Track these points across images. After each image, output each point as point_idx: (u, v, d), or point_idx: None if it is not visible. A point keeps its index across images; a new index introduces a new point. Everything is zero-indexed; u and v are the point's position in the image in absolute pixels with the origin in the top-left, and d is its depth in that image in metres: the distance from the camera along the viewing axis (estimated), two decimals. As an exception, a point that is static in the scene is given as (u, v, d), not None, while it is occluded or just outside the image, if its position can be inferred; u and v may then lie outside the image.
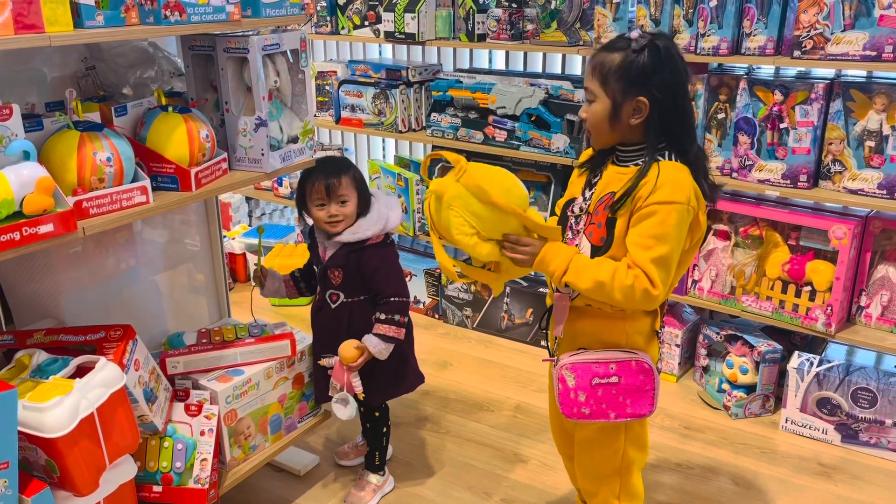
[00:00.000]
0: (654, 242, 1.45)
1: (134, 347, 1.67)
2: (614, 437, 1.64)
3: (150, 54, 1.90)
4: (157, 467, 1.77)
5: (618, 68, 1.47)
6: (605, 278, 1.46)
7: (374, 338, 1.93)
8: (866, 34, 2.14)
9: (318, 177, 1.94)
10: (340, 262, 1.96)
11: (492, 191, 1.45)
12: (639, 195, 1.47)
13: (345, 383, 1.95)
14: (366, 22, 3.23)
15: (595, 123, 1.53)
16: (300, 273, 2.16)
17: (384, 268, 1.97)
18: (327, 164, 1.97)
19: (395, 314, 1.94)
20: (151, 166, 1.67)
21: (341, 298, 1.99)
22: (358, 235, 1.93)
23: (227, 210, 3.87)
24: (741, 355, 2.51)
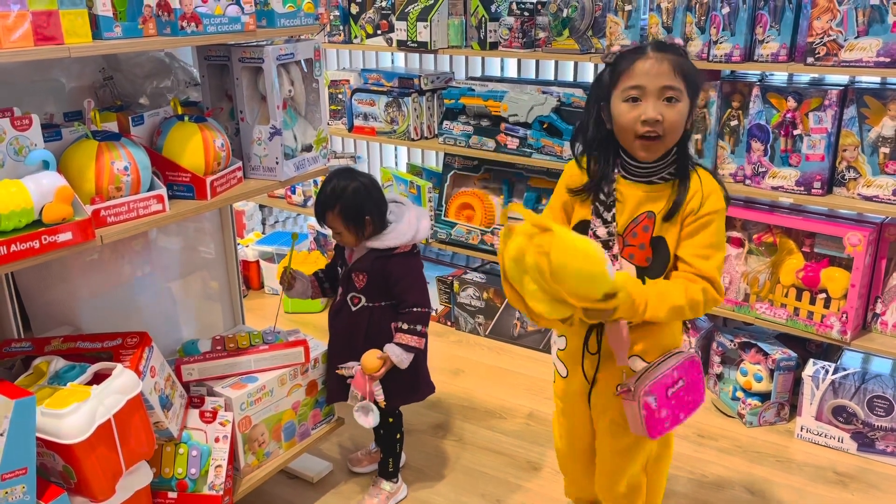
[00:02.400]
0: (713, 251, 1.48)
1: (150, 354, 1.68)
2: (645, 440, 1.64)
3: (167, 64, 1.93)
4: (173, 473, 1.78)
5: (692, 70, 1.45)
6: (680, 302, 1.45)
7: (396, 347, 1.94)
8: (880, 40, 2.13)
9: (315, 203, 1.98)
10: (366, 266, 1.97)
11: (566, 288, 1.31)
12: (689, 208, 1.47)
13: (366, 392, 1.96)
14: (378, 31, 3.25)
15: (677, 124, 1.45)
16: (324, 273, 2.17)
17: (409, 277, 1.98)
18: (319, 196, 1.95)
19: (416, 324, 1.95)
20: (167, 175, 1.69)
21: (363, 302, 2.00)
22: (385, 243, 1.94)
23: (241, 218, 3.89)
24: (755, 363, 2.49)
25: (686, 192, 1.48)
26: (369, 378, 1.96)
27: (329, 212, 1.93)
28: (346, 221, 1.93)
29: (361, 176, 1.98)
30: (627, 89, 1.45)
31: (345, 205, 1.92)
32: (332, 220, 1.94)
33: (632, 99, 1.45)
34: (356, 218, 1.93)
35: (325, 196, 1.94)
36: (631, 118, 1.45)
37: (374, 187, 1.97)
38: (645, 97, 1.44)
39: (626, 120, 1.46)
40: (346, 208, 1.92)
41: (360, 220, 1.93)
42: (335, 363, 2.06)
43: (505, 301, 3.07)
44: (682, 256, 1.50)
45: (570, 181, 1.61)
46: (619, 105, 1.48)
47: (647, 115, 1.43)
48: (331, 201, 1.93)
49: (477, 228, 3.12)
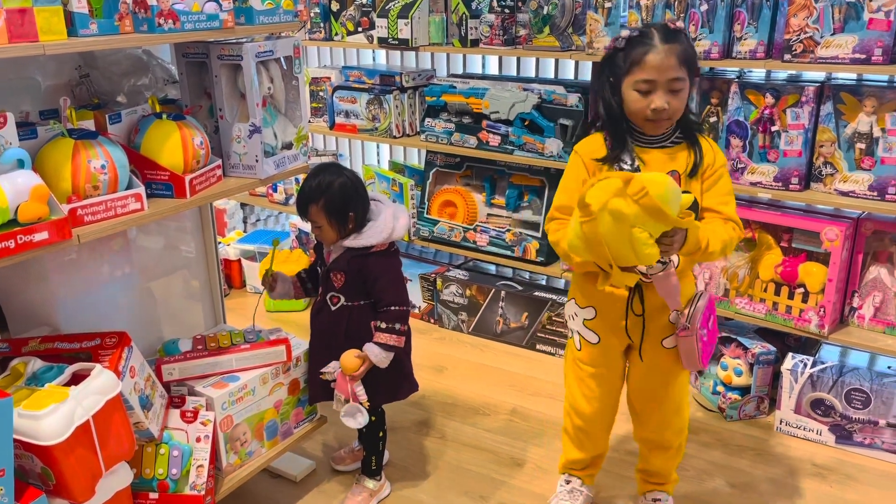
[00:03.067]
0: (730, 197, 1.72)
1: (129, 354, 1.67)
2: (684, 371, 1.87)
3: (144, 62, 1.91)
4: (154, 474, 1.77)
5: (692, 54, 1.64)
6: (725, 237, 1.65)
7: (375, 346, 1.94)
8: (856, 37, 2.15)
9: (297, 195, 1.97)
10: (343, 265, 1.97)
11: (669, 211, 1.45)
12: (707, 163, 1.70)
13: (349, 394, 1.96)
14: (359, 28, 3.24)
15: (681, 108, 1.65)
16: (306, 274, 2.16)
17: (387, 276, 1.97)
18: (303, 188, 1.95)
19: (395, 323, 1.94)
20: (146, 173, 1.67)
21: (342, 301, 2.00)
22: (361, 242, 1.93)
23: (222, 216, 3.87)
24: (735, 357, 2.52)
25: (701, 150, 1.70)
26: (350, 379, 1.95)
27: (313, 205, 1.92)
28: (330, 216, 1.92)
29: (347, 171, 1.97)
30: (639, 82, 1.62)
31: (330, 199, 1.91)
32: (315, 213, 1.93)
33: (642, 90, 1.62)
34: (340, 213, 1.92)
35: (311, 189, 1.93)
36: (641, 106, 1.64)
37: (359, 184, 1.97)
38: (654, 89, 1.61)
39: (638, 107, 1.65)
40: (330, 202, 1.91)
41: (343, 215, 1.92)
42: (316, 363, 2.06)
43: (488, 298, 3.08)
44: (707, 206, 1.71)
45: (592, 154, 1.74)
46: (630, 93, 1.65)
47: (656, 105, 1.62)
48: (316, 194, 1.92)
49: (459, 226, 3.12)
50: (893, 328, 2.34)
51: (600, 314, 1.82)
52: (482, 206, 3.14)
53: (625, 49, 1.64)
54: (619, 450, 2.34)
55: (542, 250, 2.94)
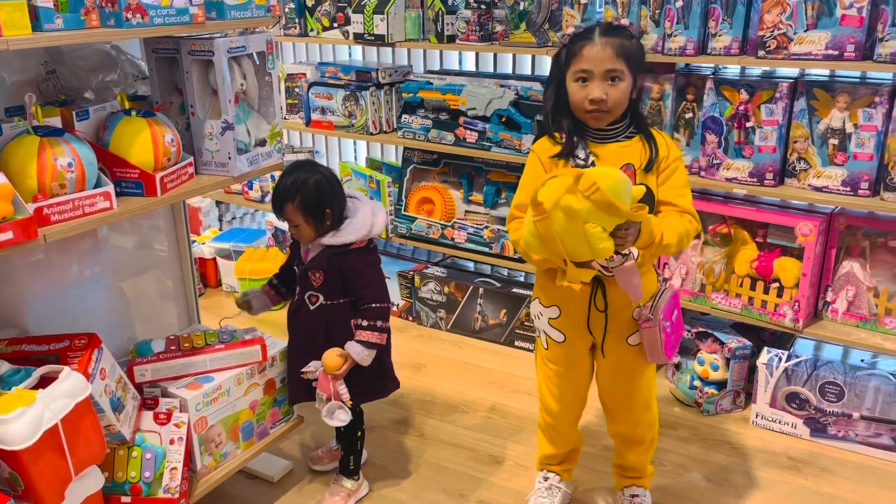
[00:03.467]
0: (686, 189, 1.75)
1: (99, 356, 1.64)
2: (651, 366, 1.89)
3: (113, 57, 1.87)
4: (126, 477, 1.74)
5: (634, 50, 1.68)
6: (681, 230, 1.68)
7: (356, 345, 1.92)
8: (828, 34, 2.17)
9: (273, 193, 1.95)
10: (322, 264, 1.94)
11: (621, 205, 1.48)
12: (662, 156, 1.72)
13: (331, 393, 1.94)
14: (335, 24, 3.22)
15: (620, 100, 1.67)
16: (278, 279, 2.14)
17: (367, 273, 1.95)
18: (278, 187, 1.93)
19: (376, 320, 1.93)
20: (115, 171, 1.64)
21: (320, 301, 1.98)
22: (340, 239, 1.91)
23: (197, 214, 3.82)
24: (712, 352, 2.53)
25: (656, 143, 1.73)
26: (332, 377, 1.93)
27: (289, 203, 1.90)
28: (306, 214, 1.90)
29: (323, 169, 1.95)
30: (577, 72, 1.67)
31: (306, 197, 1.89)
32: (291, 212, 1.91)
33: (581, 80, 1.67)
34: (316, 211, 1.90)
35: (286, 187, 1.91)
36: (580, 97, 1.68)
37: (335, 181, 1.95)
38: (591, 79, 1.66)
39: (577, 98, 1.69)
40: (306, 200, 1.89)
41: (320, 213, 1.90)
42: (295, 363, 2.04)
43: (466, 295, 3.08)
44: (663, 199, 1.73)
45: (547, 152, 1.76)
46: (571, 84, 1.70)
47: (592, 96, 1.66)
48: (291, 192, 1.89)
49: (437, 223, 3.11)
50: (866, 322, 2.36)
51: (564, 312, 1.82)
52: (460, 202, 3.13)
53: (568, 45, 1.70)
54: (597, 445, 2.34)
55: (520, 247, 2.94)
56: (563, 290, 1.76)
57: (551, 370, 1.93)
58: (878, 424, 2.27)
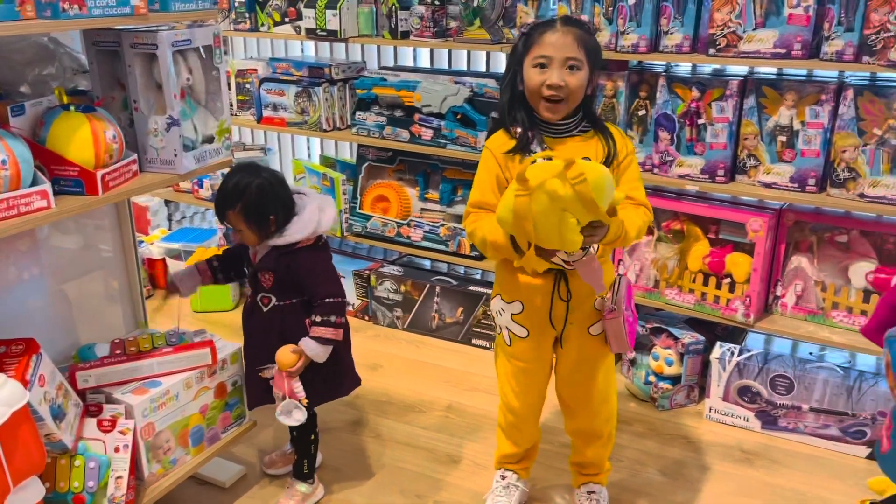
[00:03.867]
0: (640, 182, 1.79)
1: (38, 362, 1.57)
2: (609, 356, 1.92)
3: (50, 50, 1.80)
4: (68, 488, 1.67)
5: (593, 44, 1.71)
6: (639, 221, 1.72)
7: (310, 341, 1.88)
8: (776, 32, 2.20)
9: (214, 199, 1.90)
10: (271, 265, 1.90)
11: (600, 203, 1.50)
12: (618, 150, 1.74)
13: (286, 391, 1.90)
14: (286, 19, 3.15)
15: (578, 89, 1.68)
16: (218, 261, 2.08)
17: (317, 270, 1.91)
18: (219, 192, 1.88)
19: (330, 315, 1.88)
20: (53, 169, 1.57)
21: (273, 302, 1.94)
22: (287, 239, 1.87)
23: (145, 214, 3.72)
24: (666, 347, 2.56)
25: (613, 137, 1.75)
26: (287, 375, 1.89)
27: (230, 210, 1.85)
28: (249, 220, 1.85)
29: (265, 172, 1.89)
30: (537, 57, 1.67)
31: (247, 203, 1.83)
32: (233, 218, 1.86)
33: (540, 66, 1.67)
34: (259, 217, 1.85)
35: (227, 193, 1.85)
36: (538, 82, 1.67)
37: (279, 184, 1.89)
38: (551, 65, 1.66)
39: (535, 83, 1.68)
40: (248, 207, 1.84)
41: (263, 219, 1.85)
42: (252, 366, 1.99)
43: (423, 293, 3.05)
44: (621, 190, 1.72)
45: (502, 148, 1.74)
46: (529, 70, 1.69)
47: (551, 81, 1.65)
48: (233, 199, 1.84)
49: (393, 221, 3.08)
50: (815, 315, 2.41)
51: (527, 307, 1.81)
52: (416, 200, 3.11)
53: (528, 33, 1.71)
54: (554, 442, 2.34)
55: (476, 245, 2.92)
56: (525, 284, 1.76)
57: (514, 367, 1.91)
58: (827, 416, 2.32)
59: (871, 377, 2.26)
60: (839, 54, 2.14)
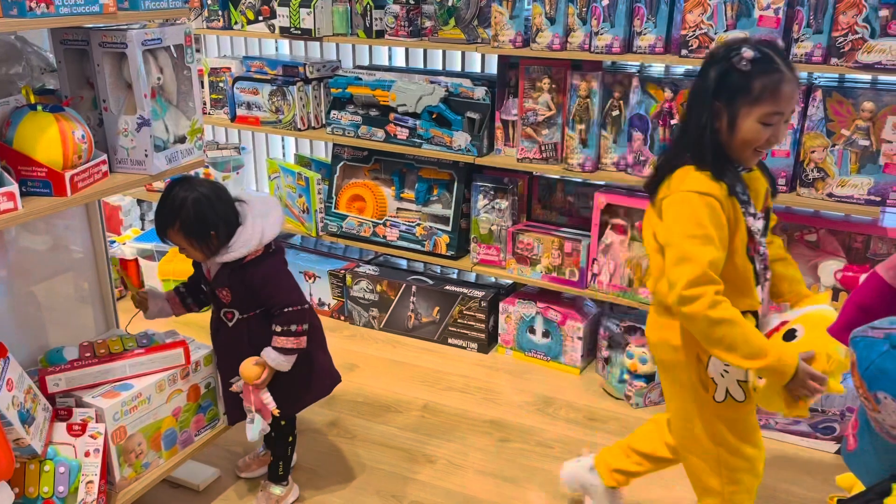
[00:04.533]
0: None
1: (5, 366, 1.54)
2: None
3: (17, 49, 1.77)
4: (38, 493, 1.65)
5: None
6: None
7: (272, 351, 1.86)
8: (747, 33, 2.23)
9: (154, 219, 1.86)
10: (225, 281, 1.87)
11: (833, 383, 1.47)
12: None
13: (255, 404, 1.88)
14: (260, 17, 3.13)
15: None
16: (185, 288, 2.06)
17: (271, 280, 1.87)
18: (157, 211, 1.81)
19: (290, 324, 1.86)
20: (20, 170, 1.55)
21: (237, 316, 1.92)
22: (233, 255, 1.82)
23: (117, 214, 3.67)
24: (640, 346, 2.58)
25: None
26: (253, 388, 1.88)
27: (170, 229, 1.80)
28: (189, 237, 1.80)
29: (202, 186, 1.82)
30: (770, 114, 1.45)
31: (185, 220, 1.77)
32: (173, 236, 1.81)
33: (770, 122, 1.46)
34: (199, 234, 1.79)
35: (164, 212, 1.79)
36: (762, 138, 1.47)
37: (216, 198, 1.81)
38: (780, 122, 1.47)
39: (756, 139, 1.48)
40: (187, 224, 1.78)
41: (204, 235, 1.80)
42: (227, 381, 1.97)
43: (399, 293, 3.05)
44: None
45: (722, 192, 1.49)
46: (752, 123, 1.46)
47: (780, 142, 1.52)
48: (170, 217, 1.78)
49: (369, 220, 3.07)
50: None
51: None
52: (391, 200, 3.10)
53: (749, 73, 1.44)
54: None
55: (453, 244, 2.93)
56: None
57: (741, 418, 1.67)
58: (797, 412, 2.36)
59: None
60: (808, 56, 2.17)
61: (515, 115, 2.74)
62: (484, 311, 2.91)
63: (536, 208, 2.96)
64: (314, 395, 2.06)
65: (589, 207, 2.73)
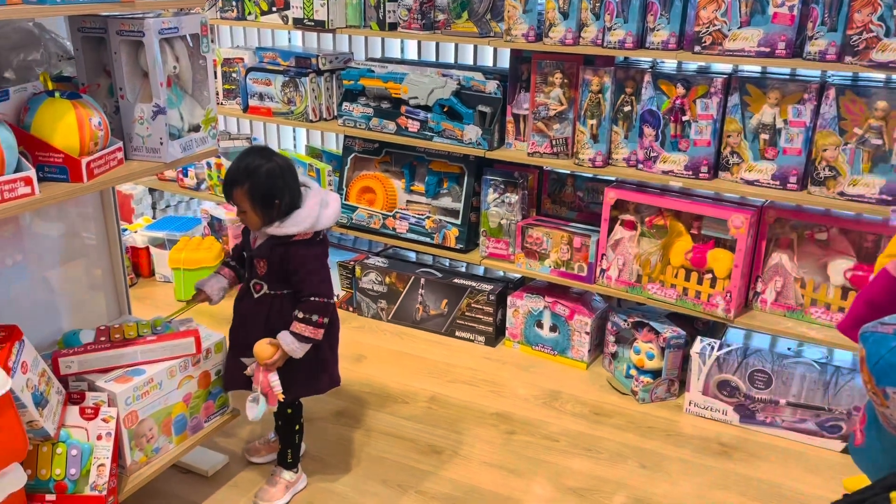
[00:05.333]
0: None
1: (21, 349, 1.56)
2: None
3: (36, 36, 1.78)
4: (50, 475, 1.67)
5: None
6: None
7: (288, 335, 1.88)
8: (761, 31, 2.23)
9: (224, 176, 1.90)
10: (266, 253, 1.91)
11: None
12: None
13: (262, 384, 1.90)
14: (273, 8, 3.14)
15: None
16: (235, 260, 2.10)
17: (308, 266, 1.91)
18: (230, 170, 1.88)
19: (313, 314, 1.89)
20: (37, 156, 1.56)
21: (264, 289, 1.94)
22: (284, 230, 1.87)
23: (129, 202, 3.70)
24: (647, 341, 2.58)
25: None
26: (264, 368, 1.90)
27: (238, 188, 1.85)
28: (254, 201, 1.85)
29: (278, 157, 1.90)
30: None
31: (257, 183, 1.84)
32: (239, 197, 1.86)
33: None
34: (265, 200, 1.85)
35: (237, 171, 1.85)
36: None
37: (290, 171, 1.89)
38: None
39: None
40: (257, 187, 1.84)
41: (268, 202, 1.86)
42: (234, 348, 2.01)
43: (407, 285, 3.06)
44: None
45: None
46: None
47: None
48: (241, 177, 1.84)
49: (379, 212, 3.08)
50: (793, 312, 2.45)
51: None
52: (401, 192, 3.11)
53: None
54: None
55: (462, 237, 2.94)
56: None
57: None
58: (804, 410, 2.36)
59: (847, 373, 2.30)
60: (822, 54, 2.17)
61: (527, 110, 2.74)
62: (492, 304, 2.92)
63: (546, 203, 2.97)
64: (311, 389, 2.07)
65: (599, 203, 2.74)
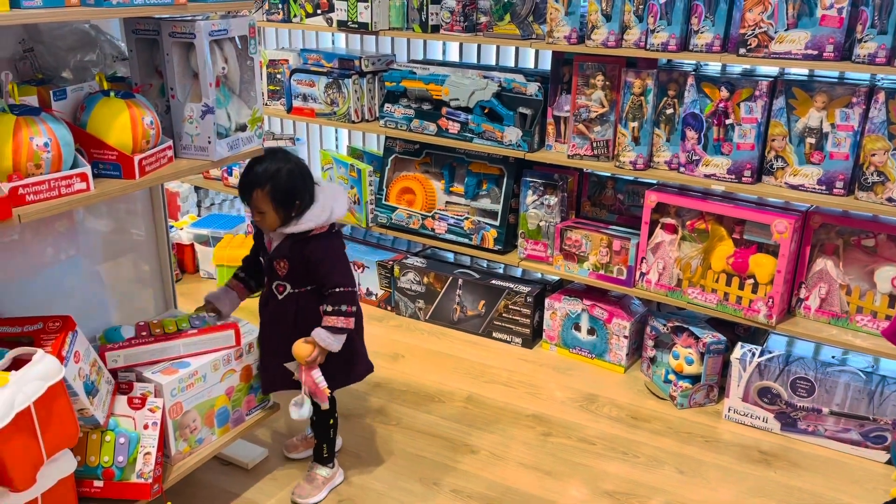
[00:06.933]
0: None
1: (74, 339, 1.62)
2: None
3: (92, 37, 1.85)
4: (99, 462, 1.73)
5: None
6: None
7: (322, 331, 1.92)
8: (808, 33, 2.19)
9: (241, 179, 1.94)
10: (285, 252, 1.94)
11: None
12: None
13: (308, 383, 1.94)
14: (318, 10, 3.19)
15: None
16: (244, 272, 2.13)
17: (329, 258, 1.95)
18: (248, 170, 1.92)
19: (341, 304, 1.93)
20: (92, 153, 1.62)
21: (288, 290, 1.98)
22: (301, 227, 1.91)
23: (175, 199, 3.79)
24: (687, 346, 2.56)
25: None
26: (306, 367, 1.93)
27: (258, 189, 1.88)
28: (276, 203, 1.89)
29: (294, 158, 1.95)
30: None
31: (277, 185, 1.88)
32: (259, 199, 1.89)
33: None
34: (286, 201, 1.89)
35: (257, 174, 1.89)
36: None
37: (306, 172, 1.95)
38: None
39: None
40: (277, 189, 1.88)
41: (289, 203, 1.90)
42: (268, 353, 2.04)
43: (445, 286, 3.08)
44: None
45: None
46: None
47: None
48: (262, 179, 1.88)
49: (418, 213, 3.11)
50: (838, 319, 2.40)
51: None
52: (441, 193, 3.13)
53: None
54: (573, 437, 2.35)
55: (500, 239, 2.95)
56: None
57: None
58: (847, 420, 2.32)
59: (893, 382, 2.25)
60: (871, 57, 2.13)
61: (568, 112, 2.74)
62: (529, 306, 2.92)
63: (586, 205, 2.96)
64: (349, 379, 2.10)
65: (639, 206, 2.72)
